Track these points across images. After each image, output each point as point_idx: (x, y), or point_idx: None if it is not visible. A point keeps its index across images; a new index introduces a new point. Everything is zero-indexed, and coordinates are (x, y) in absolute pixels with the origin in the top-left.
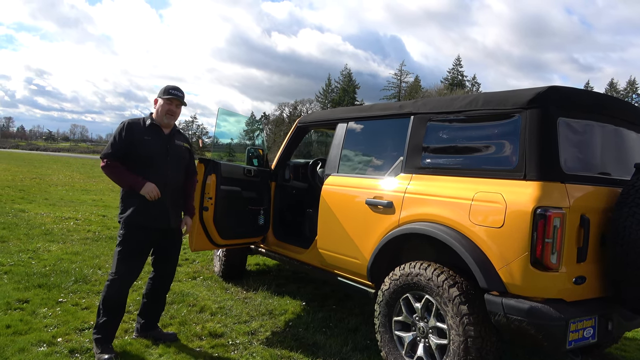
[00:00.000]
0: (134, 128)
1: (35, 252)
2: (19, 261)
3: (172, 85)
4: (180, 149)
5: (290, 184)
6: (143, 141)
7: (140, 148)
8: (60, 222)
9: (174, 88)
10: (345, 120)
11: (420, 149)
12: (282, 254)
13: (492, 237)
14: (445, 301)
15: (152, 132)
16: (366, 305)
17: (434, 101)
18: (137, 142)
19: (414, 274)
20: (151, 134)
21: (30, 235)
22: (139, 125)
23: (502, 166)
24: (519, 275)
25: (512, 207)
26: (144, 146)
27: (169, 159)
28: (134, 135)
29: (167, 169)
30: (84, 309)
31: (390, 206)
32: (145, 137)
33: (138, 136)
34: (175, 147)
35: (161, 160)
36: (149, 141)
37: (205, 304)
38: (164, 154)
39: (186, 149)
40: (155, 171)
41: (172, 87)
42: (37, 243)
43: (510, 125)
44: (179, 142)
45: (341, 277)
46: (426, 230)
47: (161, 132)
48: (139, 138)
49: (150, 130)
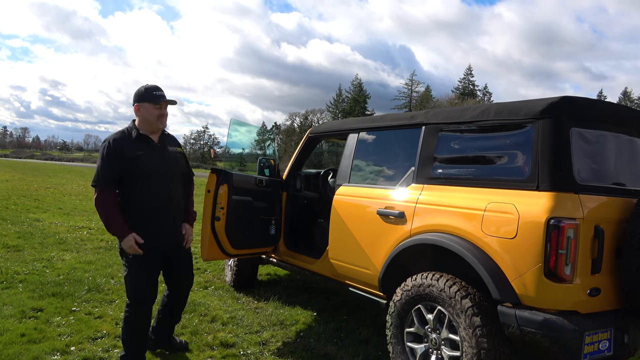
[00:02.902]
0: (121, 144)
1: (50, 260)
2: (33, 270)
3: (151, 85)
4: (175, 155)
5: (302, 194)
6: (136, 158)
7: (134, 166)
8: (74, 231)
9: (156, 88)
10: (357, 130)
11: (431, 159)
12: (293, 264)
13: (505, 248)
14: (458, 312)
15: (143, 144)
16: (378, 316)
17: (445, 111)
18: (130, 160)
19: (426, 285)
20: (143, 147)
21: (45, 244)
22: (126, 140)
23: (514, 176)
24: (533, 286)
25: (525, 217)
26: (139, 163)
27: (167, 171)
28: (125, 153)
29: (168, 183)
30: (97, 317)
31: (402, 216)
32: (137, 153)
33: (129, 153)
34: (170, 156)
35: (160, 175)
36: (143, 156)
37: (216, 313)
38: (161, 167)
39: (180, 154)
40: (157, 189)
41: (154, 88)
42: (51, 252)
43: (522, 135)
44: (172, 148)
45: (352, 287)
46: (438, 240)
47: (152, 143)
48: (130, 155)
49: (141, 143)
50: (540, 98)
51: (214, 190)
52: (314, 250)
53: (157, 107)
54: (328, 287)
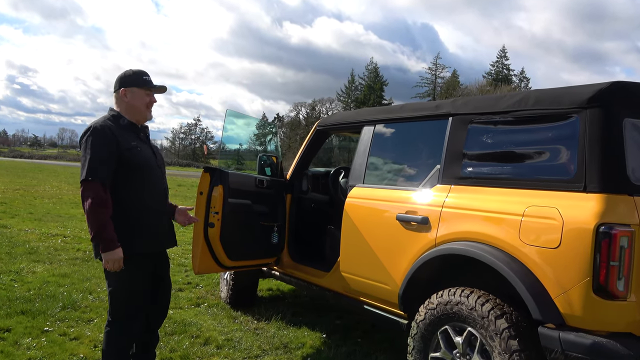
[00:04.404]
0: (115, 133)
1: (19, 273)
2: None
3: (138, 69)
4: (155, 147)
5: (309, 197)
6: (132, 148)
7: (132, 158)
8: (47, 240)
9: (145, 73)
10: (373, 122)
11: (460, 156)
12: (298, 278)
13: (546, 260)
14: (492, 335)
15: (133, 134)
16: (397, 338)
17: (476, 100)
18: (127, 150)
19: (454, 303)
20: (133, 137)
21: (13, 254)
22: (116, 129)
23: (557, 176)
24: (579, 304)
25: (571, 224)
26: (136, 154)
27: (157, 163)
28: (120, 143)
29: (161, 177)
30: (72, 339)
31: (426, 222)
32: (132, 143)
33: (125, 143)
34: (156, 149)
35: (155, 168)
36: (137, 146)
37: (210, 335)
38: (154, 160)
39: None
40: (152, 184)
41: (143, 73)
42: (20, 263)
43: (566, 127)
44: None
45: (368, 305)
46: (468, 251)
47: (140, 133)
48: (126, 145)
49: (131, 132)
50: (587, 84)
51: (207, 192)
52: (322, 261)
53: (148, 93)
54: (339, 304)
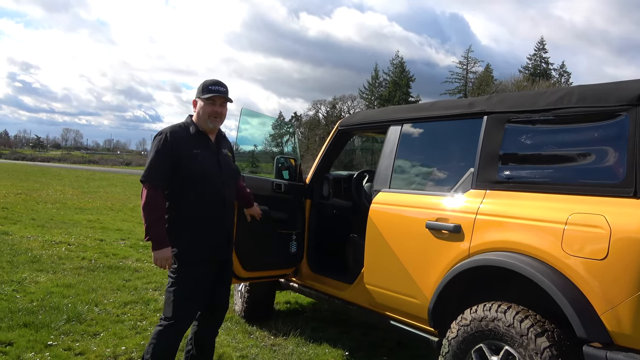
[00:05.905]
0: (179, 139)
1: (21, 283)
2: (1, 295)
3: (212, 79)
4: (228, 159)
5: (330, 202)
6: (192, 156)
7: (190, 165)
8: (50, 248)
9: (215, 83)
10: (399, 122)
11: (496, 158)
12: (319, 290)
13: (592, 272)
14: (532, 354)
15: (200, 142)
16: (426, 356)
17: (513, 97)
18: (186, 157)
19: (489, 319)
20: (200, 145)
21: (15, 263)
22: (183, 135)
23: (604, 180)
24: (629, 321)
25: (619, 233)
26: (195, 162)
27: (223, 174)
28: (181, 150)
29: (224, 187)
30: (77, 354)
31: (458, 231)
32: (194, 151)
33: (185, 151)
34: (225, 159)
35: (216, 178)
36: (199, 155)
37: (224, 351)
38: (217, 169)
39: (231, 158)
40: (212, 192)
41: (211, 83)
42: (22, 273)
43: (614, 127)
44: (225, 151)
45: (394, 320)
46: (505, 262)
47: (209, 142)
48: (186, 153)
49: (198, 141)
50: (636, 79)
51: None
52: (345, 272)
53: (210, 103)
54: (363, 319)
